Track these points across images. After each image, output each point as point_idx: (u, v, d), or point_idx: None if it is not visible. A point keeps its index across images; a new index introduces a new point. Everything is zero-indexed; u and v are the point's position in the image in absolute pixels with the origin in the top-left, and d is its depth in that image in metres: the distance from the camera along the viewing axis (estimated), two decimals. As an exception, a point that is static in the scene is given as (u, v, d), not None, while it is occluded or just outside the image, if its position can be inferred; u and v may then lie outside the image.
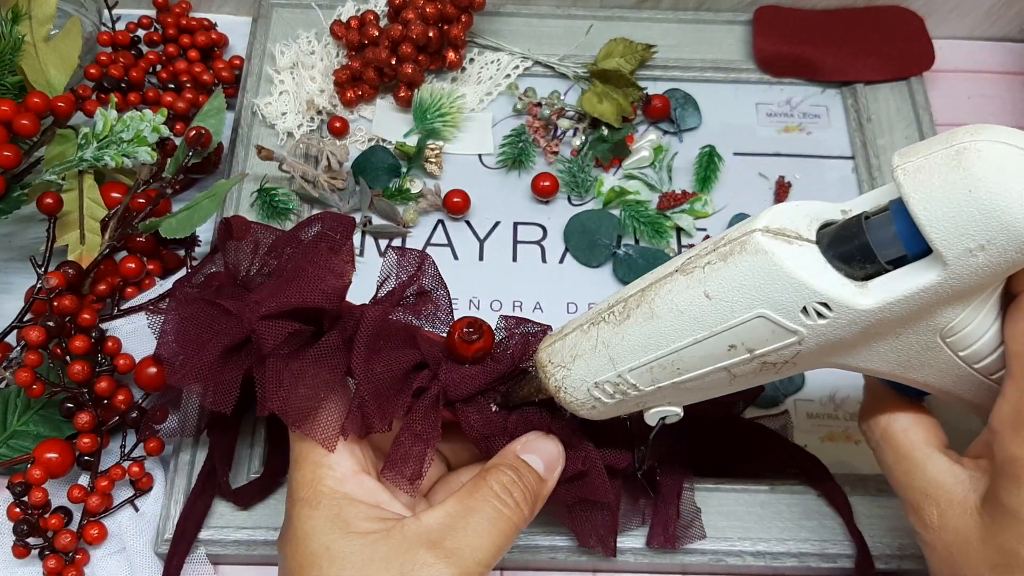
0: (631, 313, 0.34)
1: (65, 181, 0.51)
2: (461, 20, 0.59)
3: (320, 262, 0.38)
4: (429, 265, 0.40)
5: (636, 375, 0.34)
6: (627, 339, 0.34)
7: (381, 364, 0.37)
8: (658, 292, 0.33)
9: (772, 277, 0.29)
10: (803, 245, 0.30)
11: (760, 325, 0.30)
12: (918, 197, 0.27)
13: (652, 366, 0.33)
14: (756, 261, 0.30)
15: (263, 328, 0.36)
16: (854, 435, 0.50)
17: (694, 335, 0.32)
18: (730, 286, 0.30)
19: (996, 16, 0.65)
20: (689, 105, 0.60)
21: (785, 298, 0.29)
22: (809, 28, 0.62)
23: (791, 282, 0.29)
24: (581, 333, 0.36)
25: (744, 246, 0.30)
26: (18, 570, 0.45)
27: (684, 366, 0.33)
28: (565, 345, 0.36)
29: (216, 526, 0.45)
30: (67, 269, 0.47)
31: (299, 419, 0.36)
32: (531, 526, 0.45)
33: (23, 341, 0.43)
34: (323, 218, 0.41)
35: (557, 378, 0.36)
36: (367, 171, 0.56)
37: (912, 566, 0.45)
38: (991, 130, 0.27)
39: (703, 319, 0.31)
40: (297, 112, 0.58)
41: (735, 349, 0.32)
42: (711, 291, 0.31)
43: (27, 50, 0.51)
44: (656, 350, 0.33)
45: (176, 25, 0.61)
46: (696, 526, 0.45)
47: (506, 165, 0.58)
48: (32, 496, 0.44)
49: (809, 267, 0.29)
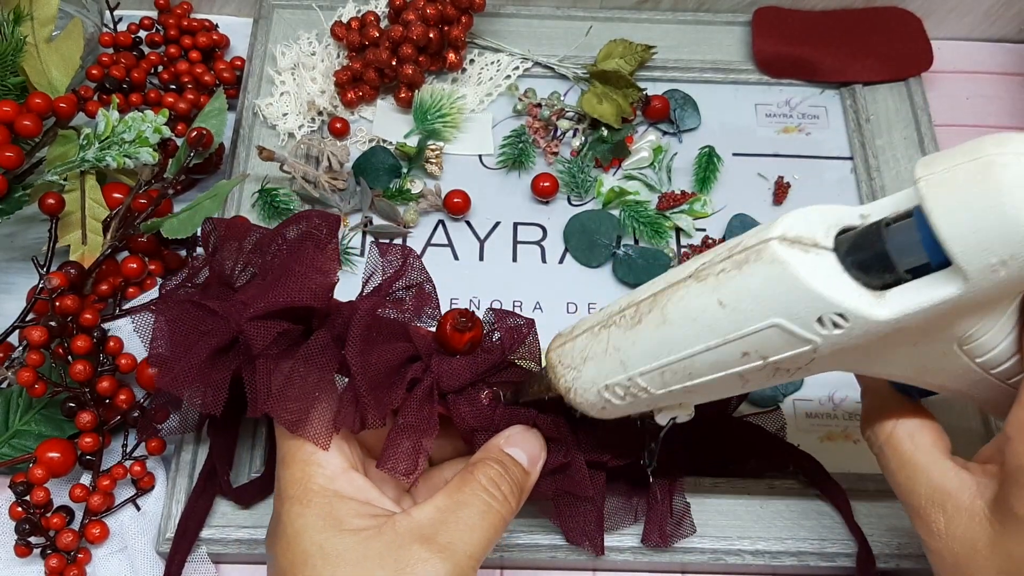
0: (643, 318, 0.33)
1: (67, 181, 0.51)
2: (461, 21, 0.59)
3: (307, 260, 0.38)
4: (414, 259, 0.40)
5: (647, 379, 0.34)
6: (639, 344, 0.33)
7: (376, 356, 0.37)
8: (671, 298, 0.32)
9: (788, 287, 0.29)
10: (820, 253, 0.29)
11: (774, 334, 0.30)
12: (941, 211, 0.26)
13: (664, 371, 0.33)
14: (772, 271, 0.29)
15: (252, 329, 0.36)
16: (853, 435, 0.50)
17: (707, 342, 0.31)
18: (744, 295, 0.30)
19: (995, 17, 0.65)
20: (688, 106, 0.61)
21: (800, 308, 0.29)
22: (808, 29, 0.62)
23: (807, 293, 0.28)
24: (591, 336, 0.35)
25: (760, 255, 0.29)
26: (20, 569, 0.45)
27: (696, 371, 0.32)
28: (575, 347, 0.36)
29: (217, 525, 0.45)
30: (69, 269, 0.47)
31: (292, 419, 0.36)
32: (532, 526, 0.45)
33: (25, 341, 0.44)
34: (308, 216, 0.41)
35: (568, 379, 0.36)
36: (368, 172, 0.57)
37: (911, 566, 0.45)
38: (1018, 142, 0.26)
39: (716, 327, 0.31)
40: (298, 113, 0.58)
41: (748, 356, 0.31)
42: (725, 299, 0.30)
43: (29, 51, 0.51)
44: (668, 355, 0.32)
45: (177, 26, 0.61)
46: (687, 523, 0.45)
47: (506, 165, 0.59)
48: (34, 495, 0.44)
49: (826, 277, 0.28)
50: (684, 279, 0.32)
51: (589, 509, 0.42)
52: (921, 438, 0.35)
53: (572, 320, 0.38)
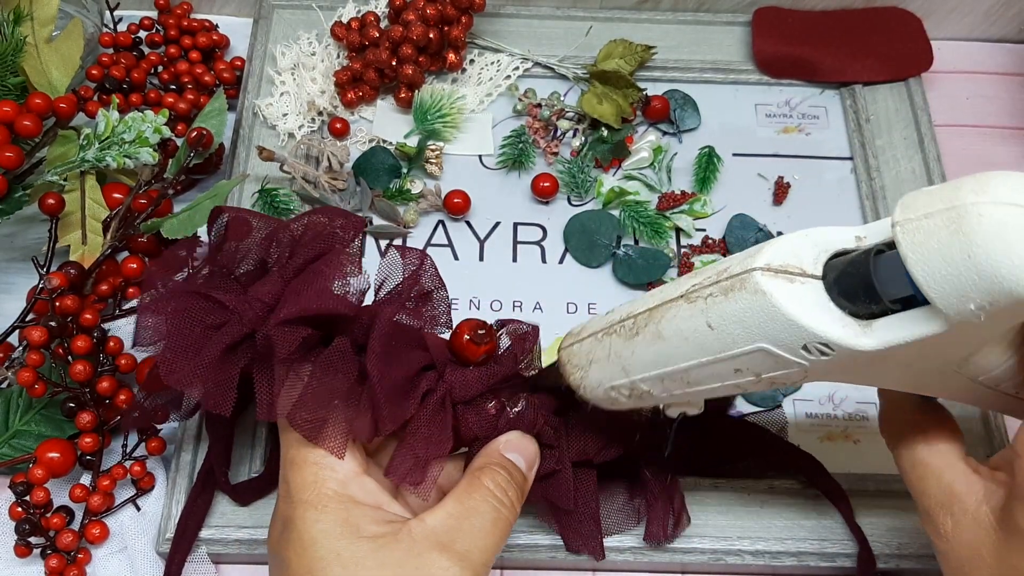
0: (640, 331, 0.34)
1: (67, 182, 0.51)
2: (461, 21, 0.59)
3: (338, 264, 0.37)
4: (429, 265, 0.40)
5: (648, 384, 0.35)
6: (637, 354, 0.34)
7: (395, 366, 0.37)
8: (664, 315, 0.33)
9: (770, 316, 0.29)
10: (806, 283, 0.29)
11: (762, 356, 0.30)
12: (915, 258, 0.26)
13: (663, 378, 0.34)
14: (755, 301, 0.29)
15: (279, 334, 0.35)
16: (853, 434, 0.50)
17: (699, 359, 0.32)
18: (731, 320, 0.30)
19: (995, 17, 0.65)
20: (688, 106, 0.61)
21: (784, 336, 0.29)
22: (808, 29, 0.62)
23: (789, 324, 0.29)
24: (595, 341, 0.37)
25: (744, 283, 0.30)
26: (20, 569, 0.45)
27: (694, 380, 0.34)
28: (582, 349, 0.38)
29: (217, 525, 0.45)
30: (69, 269, 0.47)
31: (309, 427, 0.35)
32: (532, 526, 0.45)
33: (25, 341, 0.44)
34: (332, 213, 0.39)
35: (576, 378, 0.38)
36: (368, 172, 0.57)
37: (912, 566, 0.45)
38: (997, 187, 0.25)
39: (706, 346, 0.32)
40: (298, 113, 0.58)
41: (741, 372, 0.32)
42: (712, 323, 0.31)
43: (29, 51, 0.51)
44: (665, 367, 0.34)
45: (177, 26, 0.61)
46: (684, 517, 0.45)
47: (506, 166, 0.59)
48: (34, 495, 0.44)
49: (810, 308, 0.29)
50: (676, 298, 0.33)
51: (584, 515, 0.42)
52: (935, 439, 0.35)
53: (572, 320, 0.38)
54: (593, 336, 0.37)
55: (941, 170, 0.57)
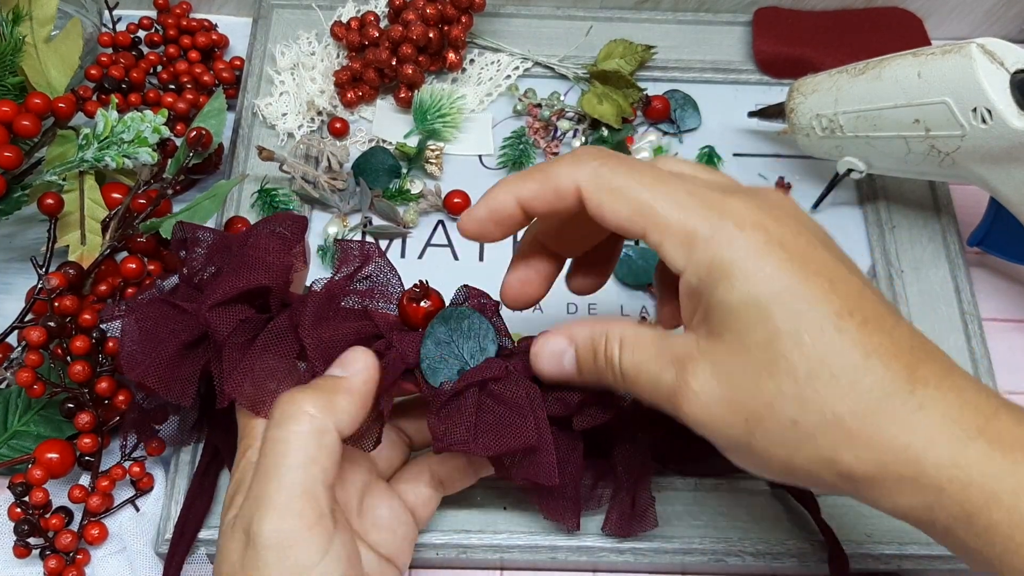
0: (867, 71, 0.47)
1: (66, 182, 0.51)
2: (461, 21, 0.59)
3: (261, 245, 0.39)
4: (376, 255, 0.41)
5: (845, 119, 0.48)
6: (854, 89, 0.48)
7: (329, 332, 0.38)
8: (890, 63, 0.46)
9: (965, 76, 0.42)
10: (1000, 69, 0.42)
11: (941, 110, 0.44)
12: None
13: (859, 115, 0.48)
14: (961, 62, 0.42)
15: (213, 317, 0.37)
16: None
17: (896, 100, 0.45)
18: (937, 73, 0.43)
19: (996, 17, 0.65)
20: (689, 106, 0.61)
21: (966, 94, 0.42)
22: (809, 29, 0.62)
23: (976, 84, 0.42)
24: (827, 76, 0.50)
25: (961, 49, 0.43)
26: (19, 570, 0.45)
27: (879, 124, 0.47)
28: (815, 80, 0.50)
29: (216, 526, 0.45)
30: (68, 269, 0.47)
31: (256, 405, 0.37)
32: (532, 526, 0.45)
33: (24, 341, 0.44)
34: (277, 218, 0.42)
35: (795, 102, 0.52)
36: (367, 172, 0.56)
37: (912, 566, 0.45)
38: None
39: (908, 90, 0.45)
40: (297, 113, 0.58)
41: (918, 124, 0.45)
42: (923, 72, 0.44)
43: (28, 51, 0.51)
44: (868, 104, 0.47)
45: (177, 26, 0.61)
46: (649, 516, 0.43)
47: (506, 166, 0.58)
48: (33, 496, 0.44)
49: (994, 83, 0.42)
50: (906, 54, 0.45)
51: (566, 485, 0.41)
52: (624, 342, 0.34)
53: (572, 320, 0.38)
54: (828, 74, 0.50)
55: (942, 170, 0.58)
